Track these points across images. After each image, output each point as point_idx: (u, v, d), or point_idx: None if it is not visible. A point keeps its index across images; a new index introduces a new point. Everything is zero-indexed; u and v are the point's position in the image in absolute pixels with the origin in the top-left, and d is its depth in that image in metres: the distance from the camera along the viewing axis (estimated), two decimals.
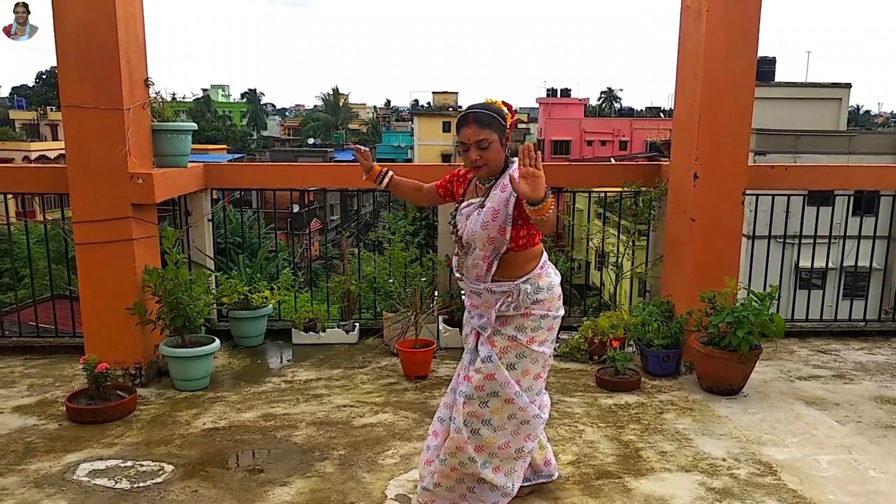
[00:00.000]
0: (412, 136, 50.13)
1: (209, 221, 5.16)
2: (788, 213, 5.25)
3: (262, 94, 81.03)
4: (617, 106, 69.54)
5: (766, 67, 23.15)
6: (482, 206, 2.57)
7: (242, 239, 9.47)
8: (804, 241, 5.49)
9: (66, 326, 5.18)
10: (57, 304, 5.33)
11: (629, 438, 3.48)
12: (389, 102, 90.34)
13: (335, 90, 64.20)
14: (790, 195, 5.36)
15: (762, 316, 3.88)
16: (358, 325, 5.12)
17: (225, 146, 47.94)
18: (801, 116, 19.95)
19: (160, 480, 3.05)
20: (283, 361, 4.71)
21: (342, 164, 7.04)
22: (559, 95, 48.17)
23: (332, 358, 4.72)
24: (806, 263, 8.78)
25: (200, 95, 64.67)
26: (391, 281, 5.04)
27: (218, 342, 4.20)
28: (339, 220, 33.28)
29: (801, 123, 19.13)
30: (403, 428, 3.59)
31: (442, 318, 4.95)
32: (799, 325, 5.38)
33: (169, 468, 3.16)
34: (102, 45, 3.83)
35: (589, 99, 56.79)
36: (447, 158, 42.64)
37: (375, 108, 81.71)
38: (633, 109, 65.93)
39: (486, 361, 2.58)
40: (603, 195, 6.16)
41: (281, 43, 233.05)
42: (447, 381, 4.26)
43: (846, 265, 6.72)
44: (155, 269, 4.08)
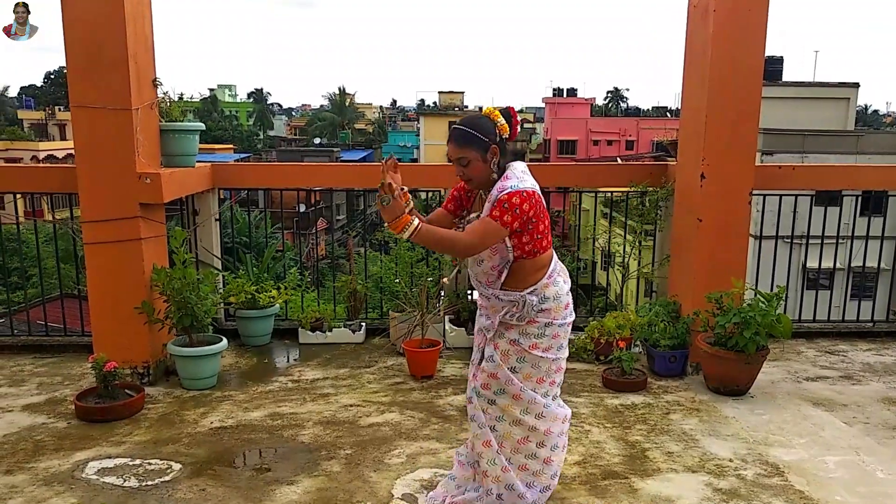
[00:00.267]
0: (418, 135, 50.15)
1: (216, 221, 5.18)
2: (796, 213, 5.23)
3: (268, 93, 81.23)
4: (623, 105, 69.41)
5: (773, 67, 23.06)
6: (479, 217, 2.60)
7: (249, 238, 9.51)
8: (812, 241, 5.46)
9: (74, 325, 5.21)
10: (66, 303, 5.36)
11: (635, 439, 3.48)
12: (395, 102, 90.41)
13: (341, 90, 64.30)
14: (798, 195, 5.35)
15: (769, 316, 3.87)
16: (364, 324, 5.14)
17: (231, 146, 48.08)
18: (808, 116, 19.86)
19: (168, 479, 3.07)
20: (289, 361, 4.73)
21: (348, 163, 7.06)
22: (565, 95, 48.08)
23: (338, 357, 4.73)
24: (813, 264, 8.73)
25: (207, 95, 64.93)
26: (397, 281, 5.05)
27: (225, 341, 4.22)
28: (345, 219, 33.31)
29: (808, 123, 19.03)
30: (410, 427, 3.60)
31: (448, 317, 4.96)
32: (806, 325, 5.36)
33: (177, 467, 3.18)
34: (111, 45, 3.86)
35: (595, 98, 56.76)
36: None
37: (381, 107, 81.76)
38: (639, 109, 65.83)
39: (488, 361, 2.64)
40: (609, 195, 6.15)
41: (287, 43, 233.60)
42: (453, 380, 4.28)
43: (854, 266, 6.69)
44: (163, 268, 4.11)
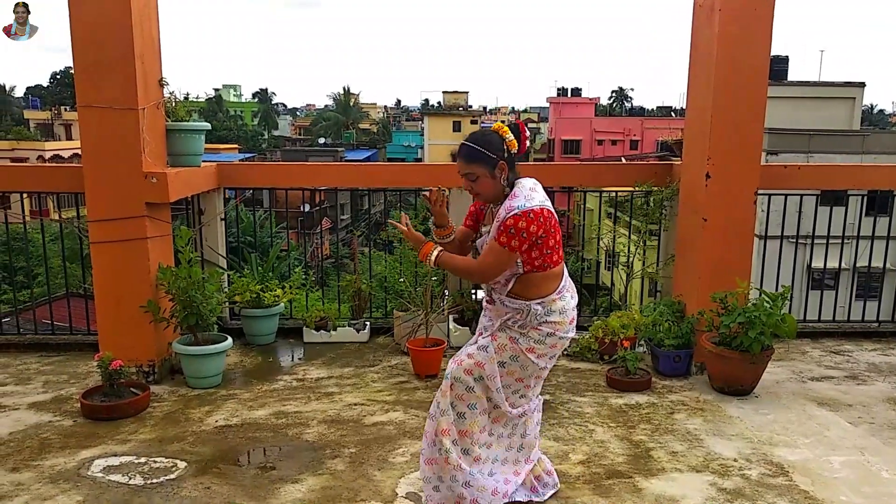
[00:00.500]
0: (422, 135, 50.16)
1: (222, 220, 5.19)
2: (801, 213, 5.22)
3: (273, 93, 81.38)
4: (628, 105, 69.28)
5: (778, 66, 22.98)
6: (489, 232, 2.63)
7: (254, 238, 9.53)
8: (817, 241, 5.45)
9: (80, 324, 5.23)
10: (71, 302, 5.40)
11: (640, 438, 3.48)
12: (400, 102, 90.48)
13: (346, 90, 64.30)
14: (803, 195, 5.33)
15: (774, 316, 3.87)
16: (368, 323, 5.15)
17: (236, 146, 48.20)
18: (814, 116, 19.79)
19: (173, 477, 3.09)
20: (294, 360, 4.74)
21: (353, 163, 7.07)
22: (570, 95, 48.05)
23: (342, 356, 4.74)
24: (818, 264, 8.70)
25: (212, 95, 65.10)
26: (402, 280, 5.06)
27: (230, 340, 4.23)
28: (349, 219, 33.35)
29: (814, 123, 18.97)
30: (414, 426, 3.60)
31: (452, 317, 4.96)
32: (811, 325, 5.34)
33: (182, 465, 3.19)
34: (118, 46, 3.88)
35: (599, 98, 56.72)
36: (457, 158, 42.61)
37: (386, 107, 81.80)
38: (644, 109, 65.72)
39: (480, 350, 2.65)
40: (614, 195, 6.14)
41: (292, 43, 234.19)
42: None
43: (859, 266, 6.66)
44: (168, 267, 4.12)
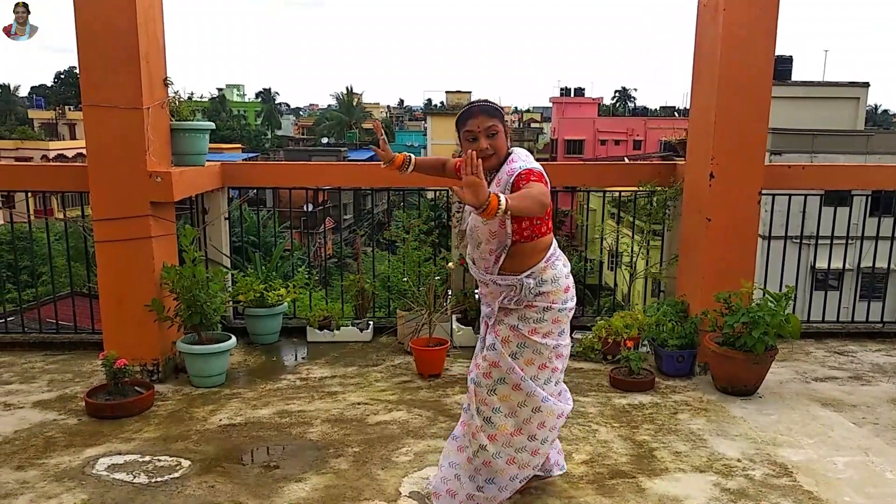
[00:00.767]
0: (425, 135, 50.19)
1: (226, 220, 5.21)
2: (805, 213, 5.21)
3: (276, 93, 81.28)
4: (631, 105, 69.22)
5: (782, 66, 22.96)
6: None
7: (258, 237, 9.54)
8: (821, 241, 5.44)
9: (85, 323, 5.25)
10: (76, 300, 5.40)
11: (643, 438, 3.48)
12: (403, 102, 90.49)
13: (349, 89, 64.42)
14: (807, 195, 5.32)
15: (778, 316, 3.86)
16: (372, 323, 5.15)
17: (240, 145, 48.28)
18: (818, 116, 19.77)
19: (177, 475, 3.10)
20: (297, 359, 4.75)
21: (356, 163, 7.07)
22: (573, 95, 47.98)
23: (346, 356, 4.75)
24: (822, 264, 8.69)
25: (216, 95, 65.20)
26: (405, 280, 5.06)
27: (234, 339, 4.24)
28: (352, 218, 33.37)
29: (818, 123, 18.95)
30: (417, 426, 3.61)
31: (455, 316, 4.97)
32: (815, 326, 5.33)
33: (186, 463, 3.20)
34: (123, 46, 3.89)
35: (603, 98, 56.59)
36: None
37: (389, 107, 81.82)
38: (647, 108, 65.67)
39: (490, 349, 2.63)
40: (617, 195, 6.14)
41: (295, 43, 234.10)
42: (461, 379, 4.28)
43: (863, 266, 6.65)
44: (173, 266, 4.13)
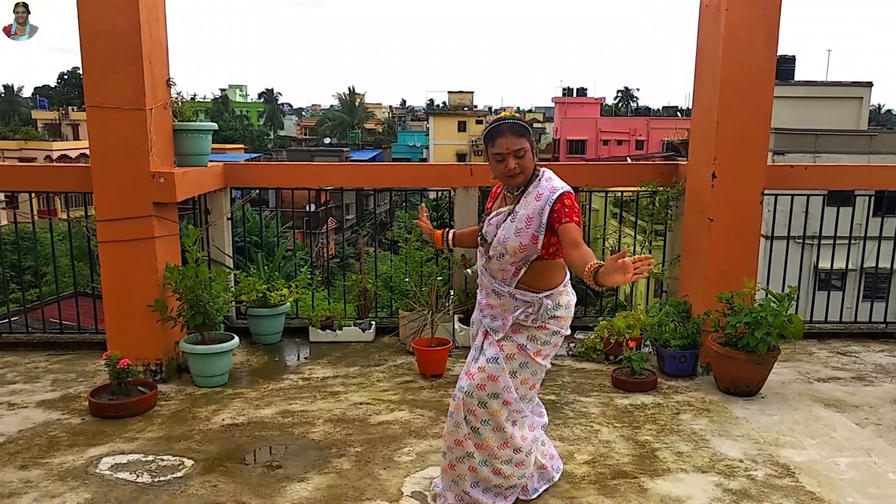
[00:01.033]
0: (427, 135, 50.21)
1: (228, 220, 5.22)
2: (808, 213, 5.20)
3: (279, 93, 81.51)
4: (633, 105, 69.16)
5: (785, 66, 22.92)
6: (512, 213, 2.58)
7: (261, 237, 9.56)
8: (824, 241, 5.43)
9: (88, 323, 5.27)
10: (79, 300, 5.42)
11: (645, 439, 3.48)
12: (405, 102, 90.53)
13: (351, 90, 64.47)
14: (810, 195, 5.32)
15: (780, 317, 3.86)
16: (374, 323, 5.16)
17: (242, 146, 48.35)
18: (821, 116, 19.72)
19: (180, 475, 3.10)
20: (300, 359, 4.76)
21: (358, 163, 7.09)
22: (575, 95, 47.99)
23: (348, 356, 4.76)
24: (825, 265, 8.66)
25: (218, 95, 65.32)
26: (407, 280, 5.07)
27: (237, 339, 4.25)
28: (354, 219, 33.38)
29: (821, 123, 18.91)
30: (419, 426, 3.61)
31: (458, 317, 4.97)
32: (818, 326, 5.33)
33: (189, 463, 3.21)
34: (126, 47, 3.90)
35: (605, 98, 56.64)
36: (462, 158, 42.70)
37: (391, 107, 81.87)
38: (649, 108, 65.60)
39: (491, 362, 2.61)
40: (619, 195, 6.14)
41: (298, 43, 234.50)
42: None
43: (867, 266, 6.63)
44: (176, 266, 4.14)
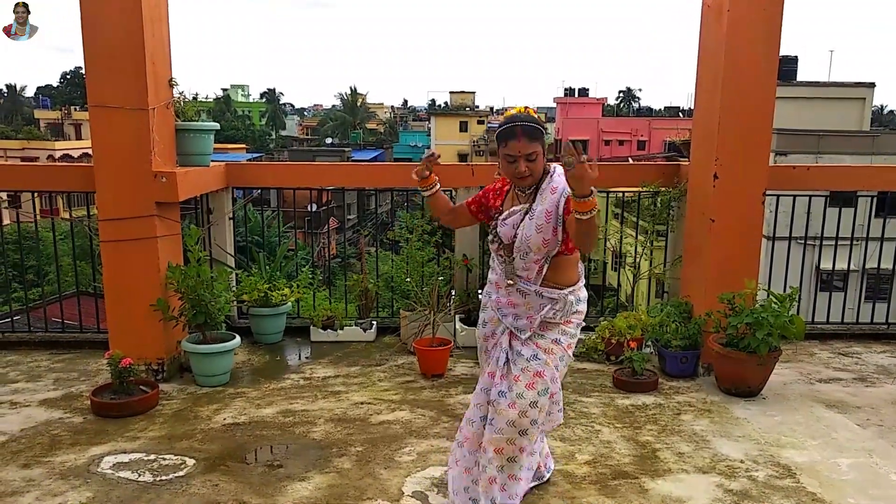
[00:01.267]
0: (429, 135, 50.20)
1: (230, 220, 5.22)
2: (810, 214, 5.20)
3: (281, 93, 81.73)
4: (635, 105, 69.15)
5: (787, 66, 22.86)
6: (529, 210, 2.58)
7: (262, 237, 9.57)
8: (826, 242, 5.43)
9: (90, 322, 5.27)
10: (82, 300, 5.43)
11: (646, 439, 3.48)
12: (407, 102, 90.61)
13: (353, 90, 64.57)
14: (812, 196, 5.31)
15: (782, 317, 3.86)
16: (375, 323, 5.17)
17: (244, 145, 48.39)
18: (823, 116, 19.70)
19: (182, 474, 3.11)
20: (301, 358, 4.76)
21: (360, 163, 7.09)
22: (577, 95, 47.95)
23: (349, 355, 4.76)
24: (827, 265, 8.66)
25: (220, 95, 65.40)
26: (408, 280, 5.07)
27: (238, 339, 4.26)
28: (356, 219, 33.40)
29: (823, 123, 18.88)
30: (420, 426, 3.62)
31: (459, 317, 4.97)
32: (820, 327, 5.32)
33: (190, 462, 3.22)
34: (129, 47, 3.91)
35: (607, 98, 56.56)
36: (463, 158, 42.66)
37: (393, 107, 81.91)
38: (651, 109, 65.58)
39: (532, 360, 2.60)
40: (621, 195, 6.14)
41: (300, 43, 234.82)
42: (464, 379, 4.29)
43: (868, 267, 6.62)
44: (178, 266, 4.15)
